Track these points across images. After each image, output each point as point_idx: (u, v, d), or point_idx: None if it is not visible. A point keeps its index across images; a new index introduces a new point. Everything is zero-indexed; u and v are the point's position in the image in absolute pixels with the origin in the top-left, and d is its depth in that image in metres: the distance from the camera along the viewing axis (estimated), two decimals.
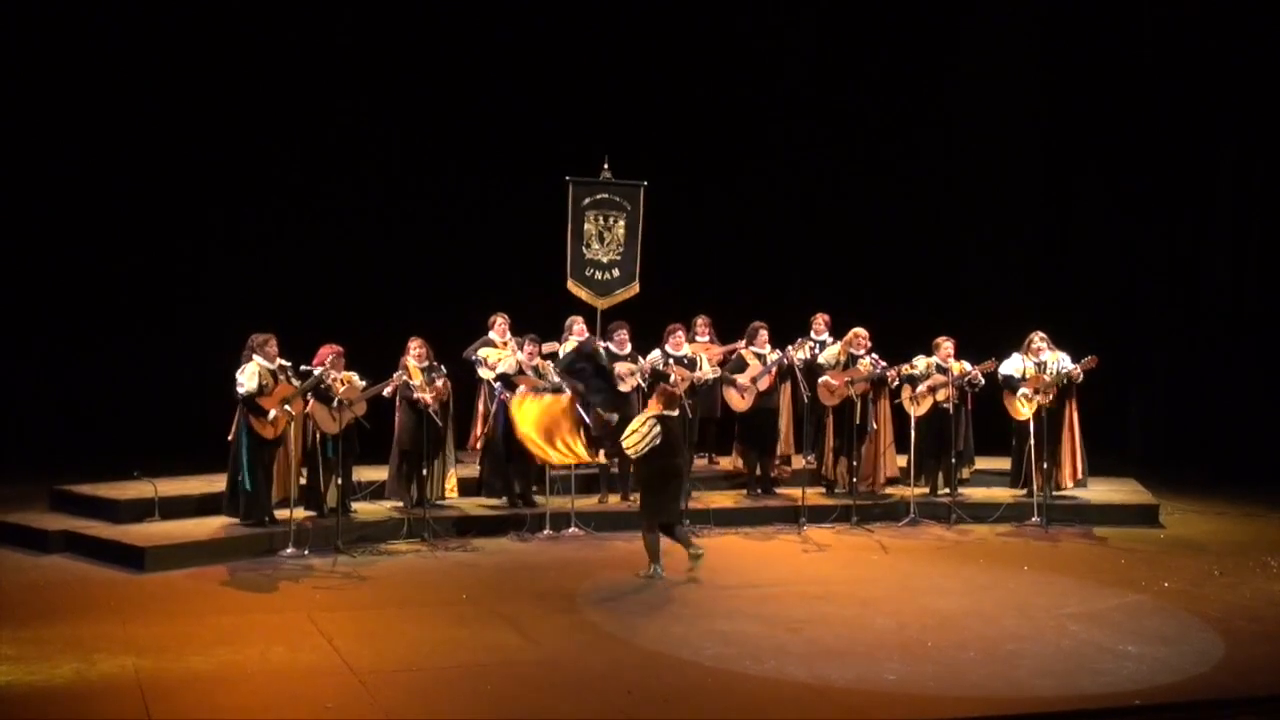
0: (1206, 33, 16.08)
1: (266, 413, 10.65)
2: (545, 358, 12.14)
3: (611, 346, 12.43)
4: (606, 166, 13.87)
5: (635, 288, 13.94)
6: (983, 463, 13.22)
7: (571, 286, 13.80)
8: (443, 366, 11.64)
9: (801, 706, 7.14)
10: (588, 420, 11.77)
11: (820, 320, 13.48)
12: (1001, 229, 17.27)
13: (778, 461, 13.15)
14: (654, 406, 9.99)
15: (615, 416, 10.25)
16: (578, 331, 13.00)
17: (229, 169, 15.31)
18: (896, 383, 12.45)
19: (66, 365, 15.05)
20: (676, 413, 10.19)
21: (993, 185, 17.23)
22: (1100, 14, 16.70)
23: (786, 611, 9.01)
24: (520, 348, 12.03)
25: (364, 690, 7.20)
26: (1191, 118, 16.31)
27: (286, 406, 10.70)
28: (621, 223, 13.89)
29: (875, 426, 12.44)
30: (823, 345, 13.08)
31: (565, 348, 12.77)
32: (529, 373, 11.80)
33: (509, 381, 11.72)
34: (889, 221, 16.82)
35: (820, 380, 12.49)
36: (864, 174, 16.95)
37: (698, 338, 13.17)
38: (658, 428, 9.82)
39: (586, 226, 13.82)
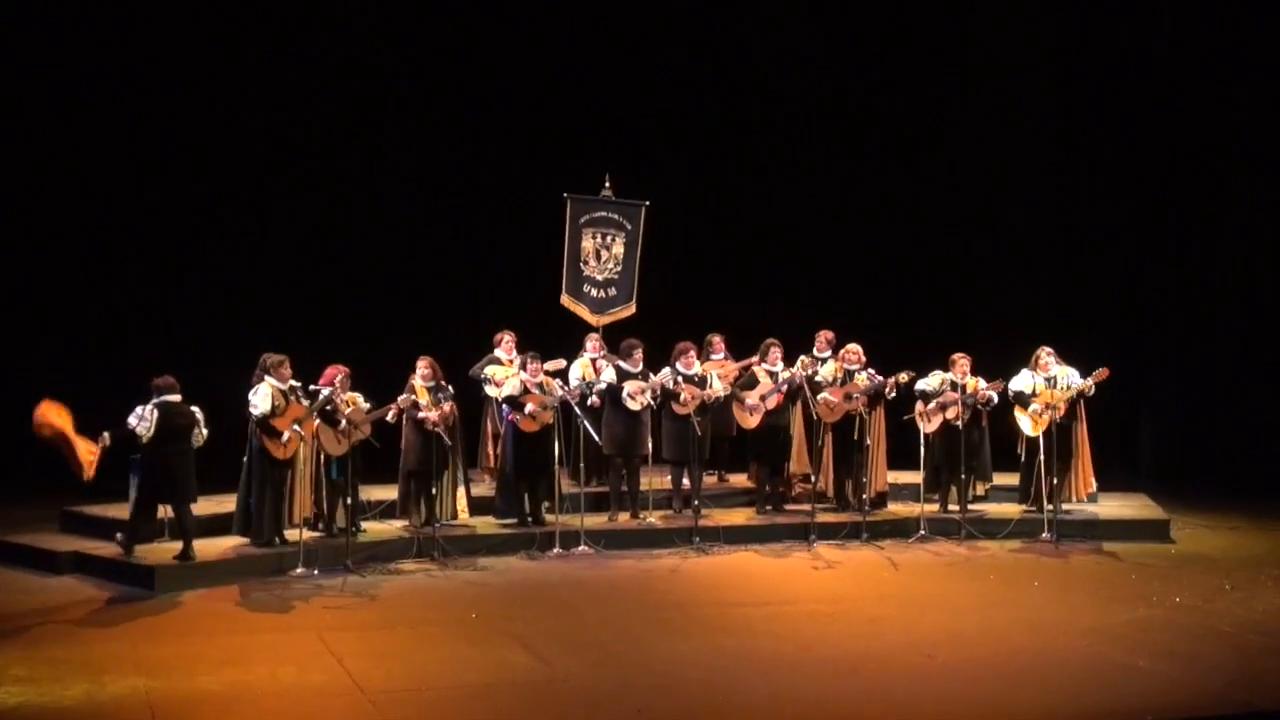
0: (1217, 45, 16.08)
1: (280, 434, 10.67)
2: (551, 375, 12.15)
3: (626, 365, 12.44)
4: (608, 184, 13.89)
5: (632, 307, 13.97)
6: (1000, 479, 13.17)
7: (566, 302, 13.85)
8: (450, 387, 11.64)
9: None
10: (598, 439, 11.78)
11: (822, 338, 13.43)
12: (1012, 243, 17.27)
13: (794, 480, 13.13)
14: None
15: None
16: (592, 349, 13.00)
17: (232, 189, 15.37)
18: (894, 393, 12.45)
19: (76, 386, 15.08)
20: (179, 397, 10.54)
21: (1003, 199, 17.23)
22: (1111, 26, 16.71)
23: (797, 629, 9.00)
24: (523, 367, 12.04)
25: (374, 710, 7.20)
26: (1202, 131, 16.32)
27: (298, 428, 10.72)
28: (620, 241, 13.93)
29: (870, 441, 12.45)
30: (824, 361, 13.06)
31: (577, 364, 12.77)
32: (534, 390, 11.81)
33: (515, 403, 11.73)
34: (899, 237, 16.82)
35: (819, 398, 12.49)
36: (874, 189, 16.97)
37: (713, 355, 13.16)
38: (156, 413, 10.36)
39: (584, 243, 13.87)
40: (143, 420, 10.34)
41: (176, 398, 10.55)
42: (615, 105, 16.08)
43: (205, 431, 10.68)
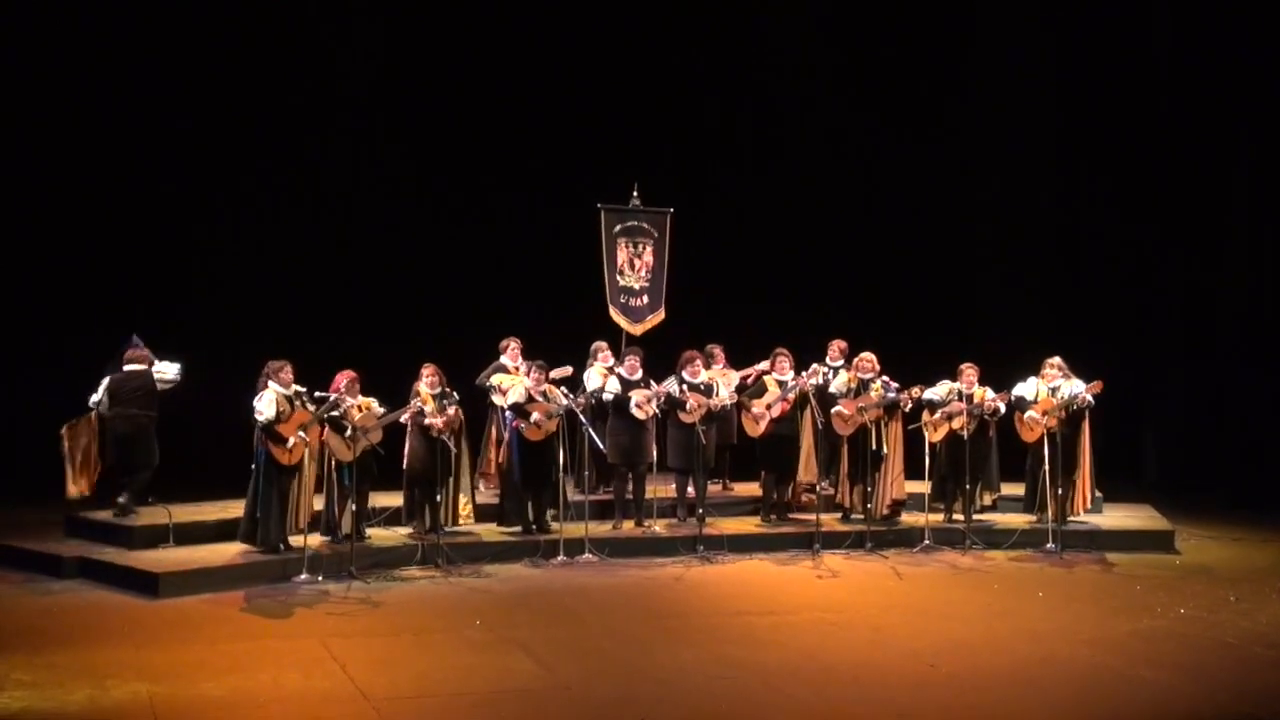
0: (1220, 56, 16.08)
1: (285, 440, 10.67)
2: (554, 383, 12.13)
3: (623, 373, 12.43)
4: (636, 193, 13.90)
5: (662, 314, 13.99)
6: (1008, 489, 13.14)
7: (613, 314, 13.85)
8: (455, 394, 11.63)
9: None
10: (602, 447, 11.79)
11: (835, 347, 13.43)
12: (1018, 253, 17.28)
13: (802, 489, 13.09)
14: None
15: None
16: (603, 358, 12.99)
17: (240, 193, 15.40)
18: (910, 405, 12.42)
19: (80, 391, 15.11)
20: (140, 367, 11.61)
21: (1009, 210, 17.24)
22: (1114, 35, 16.72)
23: (800, 638, 9.00)
24: (527, 374, 12.03)
25: (377, 717, 7.20)
26: (1207, 141, 16.32)
27: (303, 434, 10.72)
28: (649, 249, 13.96)
29: (886, 451, 12.42)
30: (837, 371, 13.04)
31: (590, 373, 12.75)
32: (539, 398, 11.80)
33: (521, 410, 11.72)
34: (908, 247, 16.82)
35: (833, 410, 12.46)
36: (883, 199, 16.98)
37: (714, 366, 13.14)
38: (106, 382, 11.44)
39: (619, 254, 13.89)
40: (96, 393, 11.52)
41: (137, 367, 11.59)
42: (627, 113, 16.08)
43: (170, 373, 11.73)
